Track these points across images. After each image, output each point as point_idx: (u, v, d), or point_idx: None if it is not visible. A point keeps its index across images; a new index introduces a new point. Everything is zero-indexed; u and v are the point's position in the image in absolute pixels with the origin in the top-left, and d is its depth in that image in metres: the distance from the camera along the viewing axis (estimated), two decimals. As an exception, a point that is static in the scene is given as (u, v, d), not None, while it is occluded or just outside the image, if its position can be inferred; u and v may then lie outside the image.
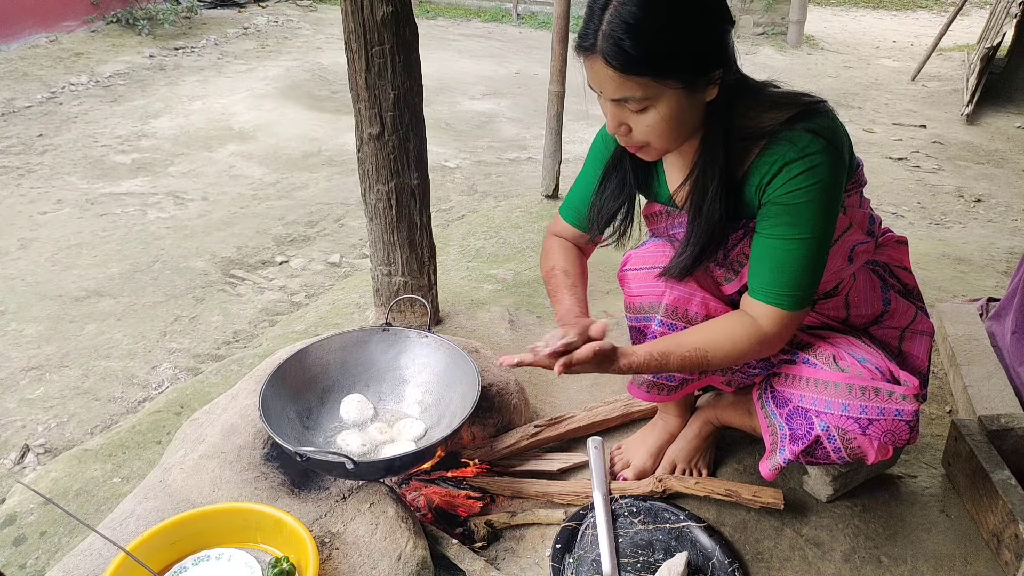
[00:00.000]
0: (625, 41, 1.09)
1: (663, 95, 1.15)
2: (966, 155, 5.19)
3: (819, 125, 1.20)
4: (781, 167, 1.19)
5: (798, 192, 1.19)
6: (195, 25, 7.85)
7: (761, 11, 8.85)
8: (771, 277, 1.25)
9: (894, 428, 1.29)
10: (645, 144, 1.24)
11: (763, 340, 1.29)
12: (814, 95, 1.25)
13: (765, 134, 1.21)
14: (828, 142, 1.19)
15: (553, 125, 3.48)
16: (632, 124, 1.20)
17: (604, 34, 1.11)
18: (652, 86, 1.14)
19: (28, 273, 3.19)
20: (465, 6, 10.05)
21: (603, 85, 1.17)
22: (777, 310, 1.26)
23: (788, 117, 1.20)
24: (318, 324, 2.58)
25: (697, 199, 1.28)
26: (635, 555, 1.45)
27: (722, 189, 1.25)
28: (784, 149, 1.19)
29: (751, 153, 1.23)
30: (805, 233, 1.21)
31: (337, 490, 1.51)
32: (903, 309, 1.47)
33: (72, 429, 2.26)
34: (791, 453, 1.39)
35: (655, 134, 1.20)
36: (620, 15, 1.10)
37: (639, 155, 1.28)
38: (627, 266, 1.55)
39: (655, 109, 1.17)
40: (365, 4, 1.79)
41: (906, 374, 1.32)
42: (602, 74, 1.15)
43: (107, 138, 4.89)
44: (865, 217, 1.41)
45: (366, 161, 2.01)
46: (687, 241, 1.33)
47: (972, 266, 3.09)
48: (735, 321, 1.31)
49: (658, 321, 1.46)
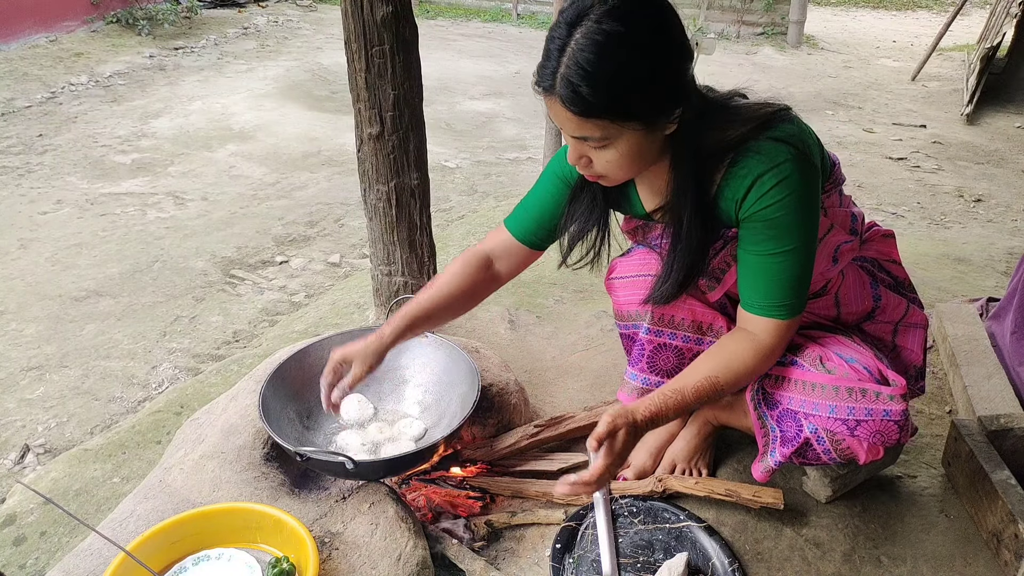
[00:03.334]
0: (582, 88, 1.06)
1: (623, 135, 1.13)
2: (966, 155, 5.19)
3: (784, 132, 1.19)
4: (753, 182, 1.19)
5: (774, 206, 1.19)
6: (195, 25, 7.85)
7: (761, 11, 8.86)
8: (764, 291, 1.25)
9: (883, 429, 1.29)
10: (604, 176, 1.23)
11: (766, 353, 1.29)
12: (777, 103, 1.24)
13: (731, 147, 1.20)
14: (795, 148, 1.18)
15: (553, 125, 3.48)
16: (592, 157, 1.19)
17: (562, 78, 1.07)
18: (611, 127, 1.12)
19: (28, 273, 3.19)
20: (465, 6, 10.05)
21: (562, 124, 1.15)
22: (775, 321, 1.26)
23: (751, 127, 1.19)
24: (318, 324, 2.58)
25: (675, 227, 1.28)
26: (635, 555, 1.45)
27: (697, 216, 1.24)
28: (752, 162, 1.18)
29: (720, 167, 1.22)
30: (789, 244, 1.21)
31: (337, 490, 1.51)
32: (895, 304, 1.48)
33: (72, 429, 2.26)
34: (781, 455, 1.39)
35: (614, 168, 1.19)
36: (577, 60, 1.06)
37: (599, 182, 1.27)
38: (613, 275, 1.56)
39: (614, 147, 1.15)
40: (365, 4, 1.79)
41: (894, 374, 1.32)
42: (561, 115, 1.12)
43: (107, 138, 4.89)
44: (847, 216, 1.41)
45: (366, 161, 2.01)
46: (670, 268, 1.32)
47: (972, 266, 3.09)
48: (736, 342, 1.30)
49: (645, 328, 1.47)
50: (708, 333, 1.46)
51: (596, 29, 1.05)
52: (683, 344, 1.48)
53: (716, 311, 1.46)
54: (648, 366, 1.50)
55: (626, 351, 1.63)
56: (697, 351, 1.47)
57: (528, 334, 2.29)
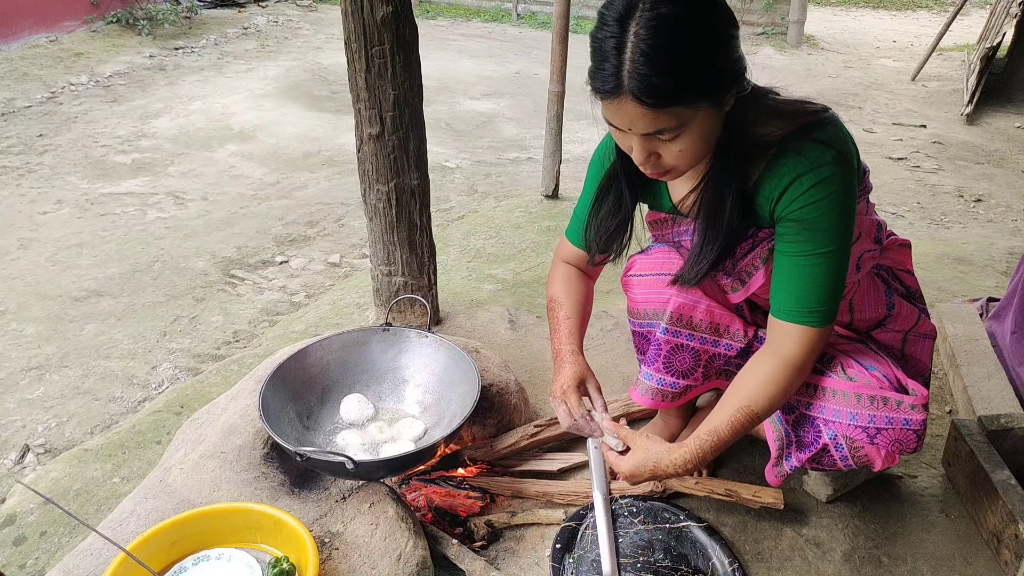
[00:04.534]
0: (655, 77, 1.04)
1: (695, 118, 1.11)
2: (966, 155, 5.19)
3: (828, 135, 1.18)
4: (791, 181, 1.17)
5: (812, 206, 1.18)
6: (195, 25, 7.85)
7: (761, 11, 8.85)
8: (797, 295, 1.23)
9: (902, 437, 1.29)
10: (672, 168, 1.20)
11: (799, 367, 1.26)
12: (817, 102, 1.23)
13: (773, 143, 1.19)
14: (838, 152, 1.17)
15: (553, 125, 3.48)
16: (662, 151, 1.16)
17: (629, 73, 1.05)
18: (685, 113, 1.10)
19: (28, 273, 3.19)
20: (465, 6, 10.05)
21: (633, 123, 1.11)
22: (806, 329, 1.23)
23: (796, 128, 1.18)
24: (318, 324, 2.58)
25: (712, 206, 1.25)
26: (635, 555, 1.45)
27: (739, 195, 1.23)
28: (793, 162, 1.17)
29: (760, 163, 1.21)
30: (825, 247, 1.19)
31: (337, 490, 1.51)
32: (906, 312, 1.47)
33: (72, 429, 2.25)
34: (798, 460, 1.38)
35: (685, 157, 1.17)
36: (643, 51, 1.04)
37: (663, 179, 1.24)
38: (631, 271, 1.54)
39: (688, 134, 1.13)
40: (365, 4, 1.79)
41: (915, 383, 1.31)
42: (632, 113, 1.09)
43: (107, 138, 4.89)
44: (873, 224, 1.41)
45: (366, 161, 2.01)
46: (702, 247, 1.30)
47: (972, 266, 3.09)
48: (766, 362, 1.28)
49: (662, 328, 1.45)
50: (724, 335, 1.45)
51: (653, 16, 1.04)
52: (700, 346, 1.46)
53: (733, 313, 1.45)
54: (664, 366, 1.49)
55: (638, 350, 1.61)
56: (713, 353, 1.46)
57: (528, 334, 2.29)
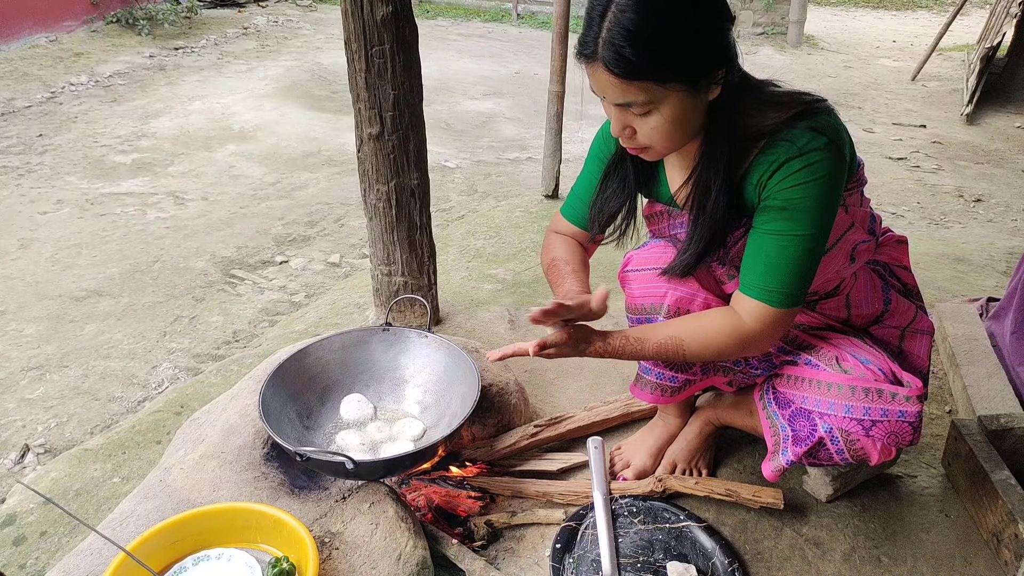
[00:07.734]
0: (626, 48, 1.08)
1: (667, 98, 1.14)
2: (966, 155, 5.19)
3: (820, 123, 1.19)
4: (781, 164, 1.19)
5: (796, 188, 1.18)
6: (195, 25, 7.85)
7: (761, 11, 8.85)
8: (763, 272, 1.24)
9: (897, 429, 1.29)
10: (648, 146, 1.23)
11: (746, 338, 1.27)
12: (815, 94, 1.24)
13: (766, 133, 1.20)
14: (829, 140, 1.18)
15: (553, 125, 3.48)
16: (636, 127, 1.20)
17: (604, 41, 1.10)
18: (655, 90, 1.13)
19: (28, 273, 3.19)
20: (465, 6, 10.05)
21: (606, 91, 1.16)
22: (764, 306, 1.25)
23: (789, 116, 1.19)
24: (318, 324, 2.58)
25: (700, 197, 1.27)
26: (635, 555, 1.45)
27: (725, 186, 1.24)
28: (784, 147, 1.18)
29: (751, 152, 1.22)
30: (801, 230, 1.20)
31: (337, 490, 1.51)
32: (903, 308, 1.47)
33: (72, 429, 2.25)
34: (794, 455, 1.39)
35: (659, 136, 1.19)
36: (619, 22, 1.08)
37: (642, 156, 1.28)
38: (628, 267, 1.55)
39: (659, 112, 1.16)
40: (365, 4, 1.79)
41: (909, 375, 1.31)
42: (604, 81, 1.14)
43: (107, 138, 4.89)
44: (866, 216, 1.41)
45: (366, 161, 2.01)
46: (690, 239, 1.32)
47: (972, 266, 3.09)
48: (719, 316, 1.30)
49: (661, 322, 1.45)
50: None
51: None
52: None
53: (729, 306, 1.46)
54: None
55: None
56: None
57: (528, 334, 2.29)
